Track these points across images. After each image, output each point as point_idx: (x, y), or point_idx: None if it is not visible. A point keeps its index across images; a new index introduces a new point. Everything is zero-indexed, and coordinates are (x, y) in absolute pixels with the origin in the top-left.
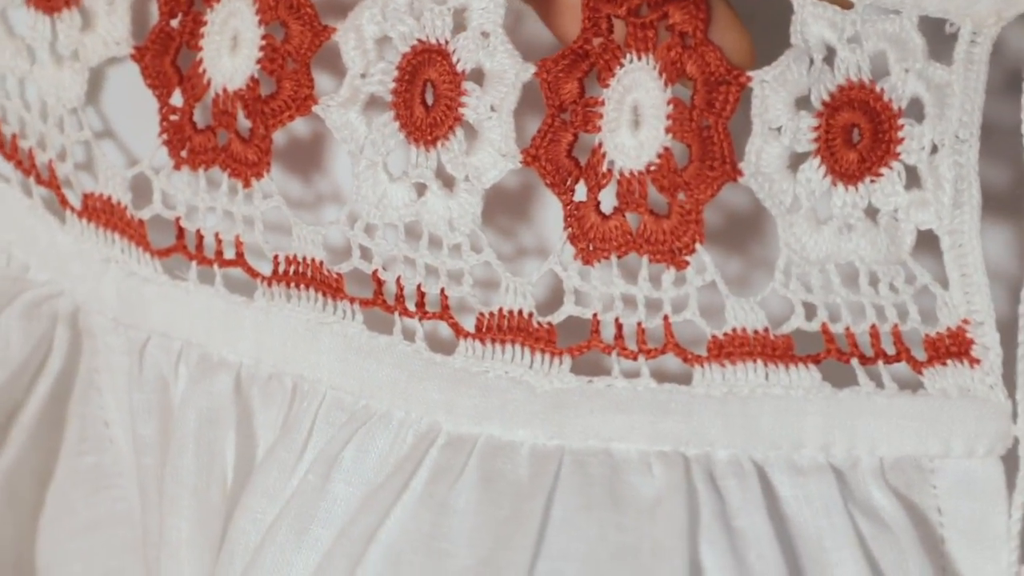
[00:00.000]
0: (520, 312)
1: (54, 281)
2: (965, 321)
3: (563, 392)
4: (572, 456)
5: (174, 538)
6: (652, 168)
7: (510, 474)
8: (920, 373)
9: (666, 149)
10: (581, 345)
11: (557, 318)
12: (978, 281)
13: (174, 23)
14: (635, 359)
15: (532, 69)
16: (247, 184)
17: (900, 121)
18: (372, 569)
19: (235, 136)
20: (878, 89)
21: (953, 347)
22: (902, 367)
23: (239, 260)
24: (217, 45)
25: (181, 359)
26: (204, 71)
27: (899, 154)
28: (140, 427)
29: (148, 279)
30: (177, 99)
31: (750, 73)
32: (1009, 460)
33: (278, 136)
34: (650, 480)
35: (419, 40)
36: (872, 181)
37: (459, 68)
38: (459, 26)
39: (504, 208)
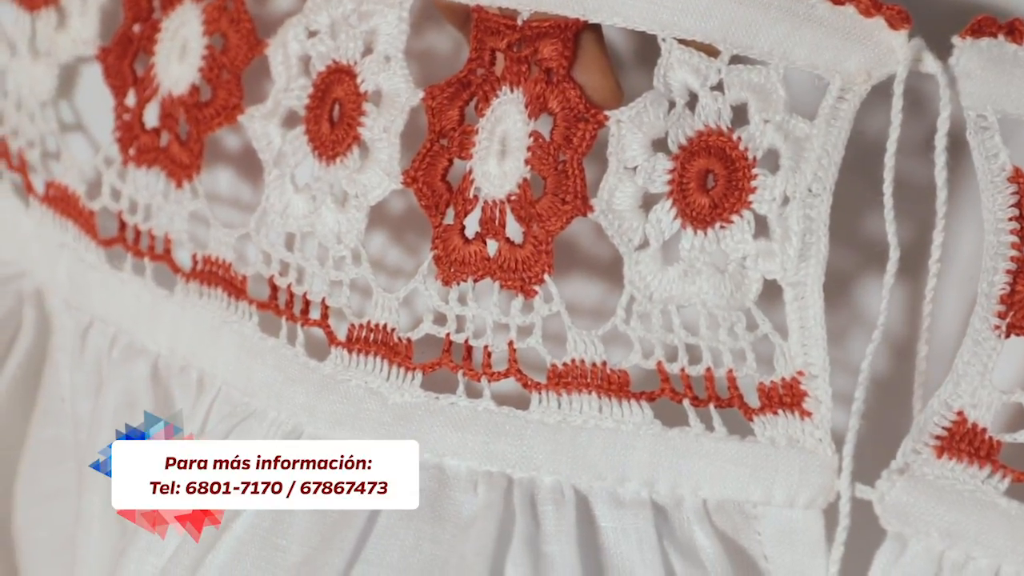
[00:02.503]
0: (385, 326)
1: (17, 262)
2: (800, 373)
3: (411, 406)
4: None
5: (88, 511)
6: (512, 198)
7: None
8: (751, 420)
9: (525, 180)
10: (433, 362)
11: (416, 335)
12: (816, 334)
13: (136, 28)
14: (479, 380)
15: (421, 95)
16: (179, 184)
17: (754, 171)
18: (219, 558)
19: (175, 138)
20: (735, 137)
21: (786, 397)
22: (735, 412)
23: (165, 255)
24: (168, 52)
25: (114, 344)
26: (155, 75)
27: (751, 203)
28: (78, 405)
29: (93, 266)
30: (131, 99)
31: (607, 112)
32: (831, 514)
33: (233, 142)
34: (473, 498)
35: (333, 60)
36: (722, 227)
37: (362, 89)
38: (369, 49)
39: (413, 226)
